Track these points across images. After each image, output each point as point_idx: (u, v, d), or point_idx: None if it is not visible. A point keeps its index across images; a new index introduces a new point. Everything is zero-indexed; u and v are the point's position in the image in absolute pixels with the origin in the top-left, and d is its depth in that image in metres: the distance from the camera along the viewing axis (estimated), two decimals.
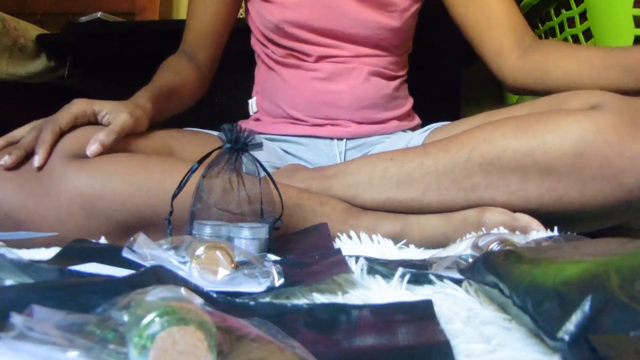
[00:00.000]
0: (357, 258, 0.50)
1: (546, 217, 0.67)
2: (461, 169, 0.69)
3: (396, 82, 0.97)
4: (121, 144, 0.67)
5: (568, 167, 0.65)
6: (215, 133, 0.59)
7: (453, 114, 1.00)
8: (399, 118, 0.97)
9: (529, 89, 0.90)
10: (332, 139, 0.93)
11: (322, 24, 0.90)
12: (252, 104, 1.02)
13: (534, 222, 0.67)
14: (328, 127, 0.93)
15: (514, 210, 0.69)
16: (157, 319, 0.23)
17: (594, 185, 0.66)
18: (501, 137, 0.68)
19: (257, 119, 1.00)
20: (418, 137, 0.90)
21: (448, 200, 0.70)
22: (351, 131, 0.93)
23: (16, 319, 0.24)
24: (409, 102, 1.00)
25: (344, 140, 0.93)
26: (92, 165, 0.62)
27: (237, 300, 0.40)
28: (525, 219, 0.67)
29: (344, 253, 0.51)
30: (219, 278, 0.44)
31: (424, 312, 0.37)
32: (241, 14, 1.56)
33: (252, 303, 0.39)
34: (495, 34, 0.90)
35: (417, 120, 1.00)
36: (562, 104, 0.73)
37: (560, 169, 0.66)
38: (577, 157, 0.65)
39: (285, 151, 0.95)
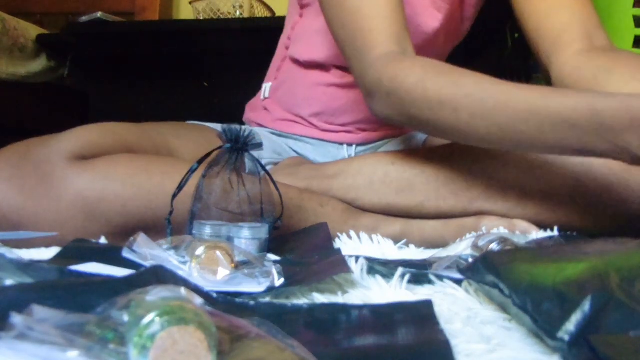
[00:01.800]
0: (357, 258, 0.50)
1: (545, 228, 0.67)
2: (462, 180, 0.69)
3: None
4: (120, 142, 0.67)
5: (568, 190, 0.64)
6: (219, 127, 0.58)
7: None
8: None
9: None
10: (342, 144, 0.91)
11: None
12: (266, 89, 0.97)
13: (532, 228, 0.66)
14: (341, 133, 0.91)
15: None
16: (157, 319, 0.23)
17: (594, 210, 0.64)
18: (504, 150, 0.67)
19: (265, 109, 0.96)
20: (421, 135, 0.90)
21: (447, 211, 0.70)
22: (363, 137, 0.91)
23: (16, 319, 0.24)
24: None
25: (354, 145, 0.91)
26: (93, 167, 0.62)
27: (237, 300, 0.40)
28: (524, 225, 0.66)
29: (344, 253, 0.51)
30: (219, 278, 0.44)
31: (424, 312, 0.37)
32: (241, 14, 1.56)
33: (252, 303, 0.39)
34: (555, 22, 0.76)
35: None
36: None
37: (560, 191, 0.65)
38: (578, 181, 0.63)
39: (291, 148, 0.93)
